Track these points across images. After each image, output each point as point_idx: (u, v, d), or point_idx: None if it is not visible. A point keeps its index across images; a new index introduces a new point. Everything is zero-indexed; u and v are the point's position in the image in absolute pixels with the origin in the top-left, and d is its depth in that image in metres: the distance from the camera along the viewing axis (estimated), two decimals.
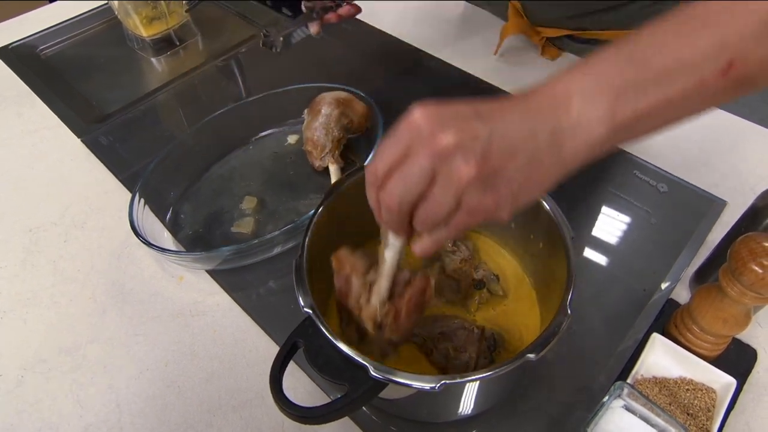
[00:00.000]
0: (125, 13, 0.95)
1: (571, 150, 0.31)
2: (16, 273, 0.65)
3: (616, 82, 0.31)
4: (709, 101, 0.32)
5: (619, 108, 0.30)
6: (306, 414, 0.39)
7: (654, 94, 0.30)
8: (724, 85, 0.30)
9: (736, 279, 0.43)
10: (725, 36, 0.30)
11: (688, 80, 0.30)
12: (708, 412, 0.49)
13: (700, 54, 0.30)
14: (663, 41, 0.31)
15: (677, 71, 0.30)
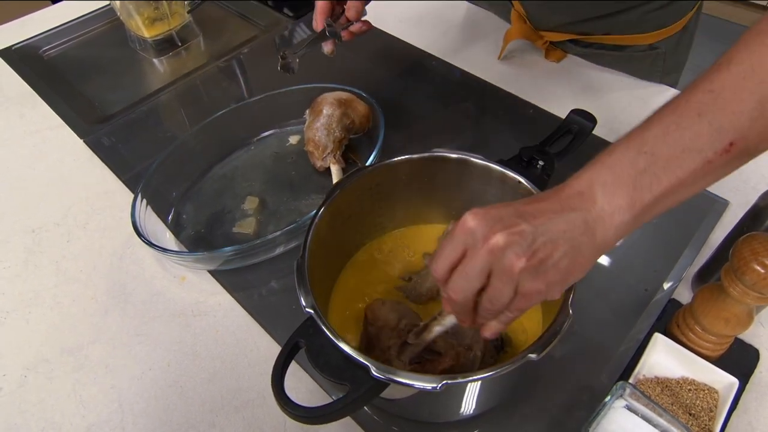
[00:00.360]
0: (127, 14, 0.96)
1: (602, 235, 0.35)
2: (19, 273, 0.66)
3: (631, 174, 0.35)
4: (717, 175, 0.35)
5: (638, 197, 0.35)
6: (308, 414, 0.39)
7: (667, 179, 0.34)
8: (728, 160, 0.34)
9: (738, 279, 0.43)
10: (720, 122, 0.34)
11: (695, 163, 0.34)
12: (710, 412, 0.49)
13: (701, 141, 0.34)
14: (666, 132, 0.35)
15: (684, 158, 0.34)
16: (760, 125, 0.33)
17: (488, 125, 0.80)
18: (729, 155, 0.34)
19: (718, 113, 0.34)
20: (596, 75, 0.85)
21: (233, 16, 1.09)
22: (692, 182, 0.35)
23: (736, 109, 0.33)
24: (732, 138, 0.33)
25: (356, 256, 0.59)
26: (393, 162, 0.53)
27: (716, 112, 0.34)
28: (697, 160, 0.34)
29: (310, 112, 0.73)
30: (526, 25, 0.86)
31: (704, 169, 0.34)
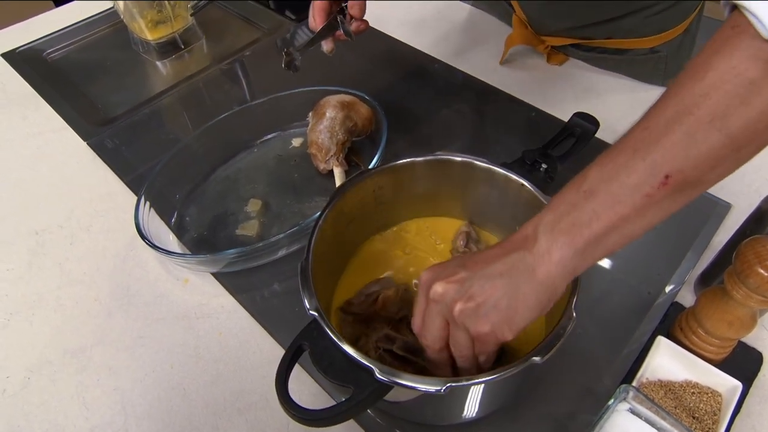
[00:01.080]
0: (131, 17, 0.96)
1: (544, 272, 0.37)
2: (22, 275, 0.66)
3: (572, 213, 0.36)
4: (662, 209, 0.36)
5: (577, 232, 0.36)
6: (312, 417, 0.39)
7: (606, 215, 0.35)
8: (668, 193, 0.34)
9: (741, 282, 0.43)
10: (653, 156, 0.34)
11: (634, 198, 0.35)
12: (714, 415, 0.48)
13: (636, 176, 0.34)
14: (604, 171, 0.36)
15: (624, 194, 0.35)
16: (694, 157, 0.33)
17: (491, 128, 0.80)
18: (667, 188, 0.34)
19: (651, 148, 0.34)
20: (598, 78, 0.86)
21: (236, 19, 1.09)
22: (636, 217, 0.35)
23: (667, 143, 0.34)
24: (667, 171, 0.34)
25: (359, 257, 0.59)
26: (396, 165, 0.53)
27: (649, 147, 0.34)
28: (636, 196, 0.35)
29: (313, 115, 0.73)
30: (527, 31, 0.86)
31: (644, 203, 0.35)
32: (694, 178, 0.34)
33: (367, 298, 0.51)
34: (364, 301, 0.51)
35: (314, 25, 0.65)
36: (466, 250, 0.54)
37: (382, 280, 0.53)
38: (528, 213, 0.51)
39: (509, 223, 0.55)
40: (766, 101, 0.32)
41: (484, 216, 0.58)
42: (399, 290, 0.51)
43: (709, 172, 0.35)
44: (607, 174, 0.36)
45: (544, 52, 0.88)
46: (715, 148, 0.33)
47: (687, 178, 0.34)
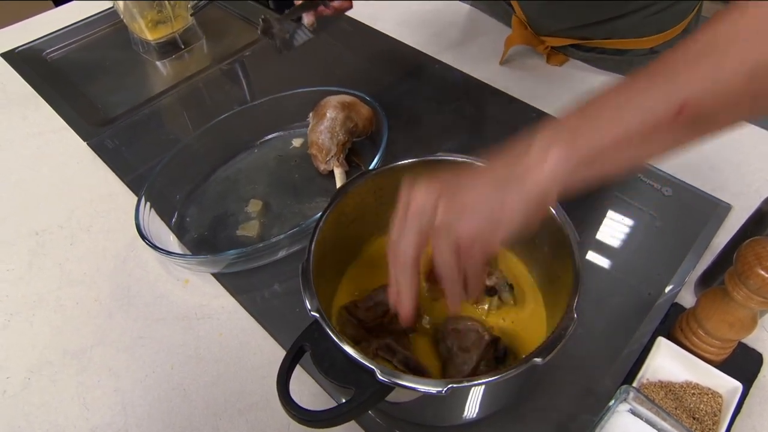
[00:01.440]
0: (131, 17, 0.96)
1: (534, 181, 0.35)
2: (22, 275, 0.66)
3: (573, 124, 0.35)
4: (668, 142, 0.34)
5: (576, 143, 0.34)
6: (313, 418, 0.39)
7: (610, 131, 0.33)
8: (679, 123, 0.33)
9: (742, 283, 0.43)
10: (673, 82, 0.33)
11: (643, 120, 0.33)
12: (714, 416, 0.49)
13: (652, 97, 0.33)
14: (618, 91, 0.35)
15: (632, 112, 0.33)
16: (715, 91, 0.32)
17: (491, 129, 0.80)
18: (680, 117, 0.33)
19: (673, 76, 0.33)
20: (598, 79, 0.86)
21: (236, 19, 1.09)
22: (639, 141, 0.34)
23: (691, 73, 0.33)
24: (684, 99, 0.32)
25: (360, 258, 0.59)
26: (397, 165, 0.53)
27: (672, 74, 0.33)
28: (646, 117, 0.33)
29: (313, 115, 0.73)
30: (526, 31, 0.86)
31: (652, 128, 0.33)
32: (709, 112, 0.33)
33: (376, 307, 0.50)
34: (371, 309, 0.50)
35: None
36: None
37: None
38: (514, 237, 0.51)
39: None
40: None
41: None
42: None
43: (724, 111, 0.33)
44: (623, 96, 0.34)
45: (544, 53, 0.88)
46: (737, 88, 0.32)
47: (702, 111, 0.33)
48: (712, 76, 0.32)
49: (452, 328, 0.50)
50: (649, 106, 0.33)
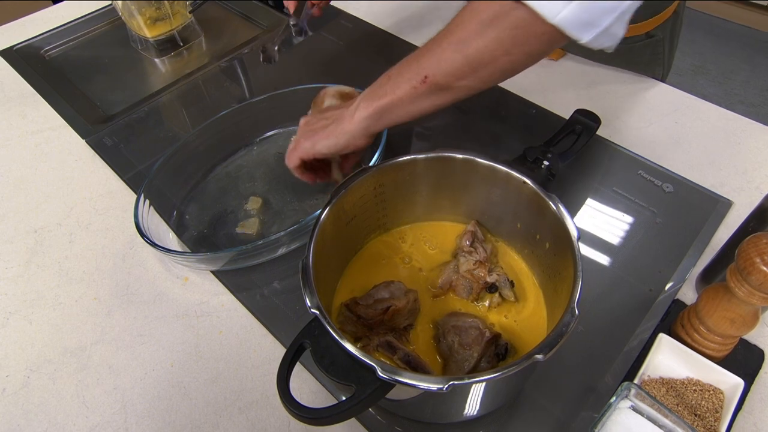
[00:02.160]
0: (129, 14, 0.95)
1: (348, 123, 0.56)
2: (21, 273, 0.66)
3: (373, 91, 0.54)
4: (426, 101, 0.52)
5: (372, 103, 0.54)
6: (313, 415, 0.39)
7: (392, 95, 0.52)
8: (427, 89, 0.50)
9: (744, 279, 0.43)
10: (421, 64, 0.50)
11: (405, 88, 0.51)
12: (716, 413, 0.48)
13: (410, 73, 0.51)
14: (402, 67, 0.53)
15: (402, 83, 0.52)
16: (443, 68, 0.48)
17: (491, 125, 0.80)
18: (425, 86, 0.50)
19: (422, 57, 0.50)
20: (597, 72, 0.85)
21: (235, 16, 1.09)
22: (408, 100, 0.52)
23: (429, 55, 0.50)
24: (425, 74, 0.49)
25: (360, 255, 0.59)
26: (398, 162, 0.53)
27: (421, 56, 0.50)
28: (408, 86, 0.51)
29: (312, 106, 0.72)
30: None
31: (413, 93, 0.51)
32: (445, 83, 0.49)
33: (376, 304, 0.50)
34: (372, 307, 0.50)
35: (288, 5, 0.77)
36: (471, 250, 0.54)
37: (392, 285, 0.52)
38: (530, 210, 0.51)
39: (511, 220, 0.55)
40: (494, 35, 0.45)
41: (486, 213, 0.58)
42: (409, 301, 0.51)
43: (455, 82, 0.49)
44: (399, 69, 0.53)
45: None
46: (457, 64, 0.48)
47: (438, 81, 0.49)
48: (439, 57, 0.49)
49: (453, 325, 0.50)
50: (407, 78, 0.51)
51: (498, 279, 0.52)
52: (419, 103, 0.52)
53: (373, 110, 0.53)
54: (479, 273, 0.52)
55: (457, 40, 0.47)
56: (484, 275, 0.52)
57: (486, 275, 0.52)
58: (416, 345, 0.51)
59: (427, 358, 0.49)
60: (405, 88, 0.51)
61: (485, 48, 0.46)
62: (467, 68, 0.48)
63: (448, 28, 0.49)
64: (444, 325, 0.51)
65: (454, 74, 0.48)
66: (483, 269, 0.52)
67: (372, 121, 0.54)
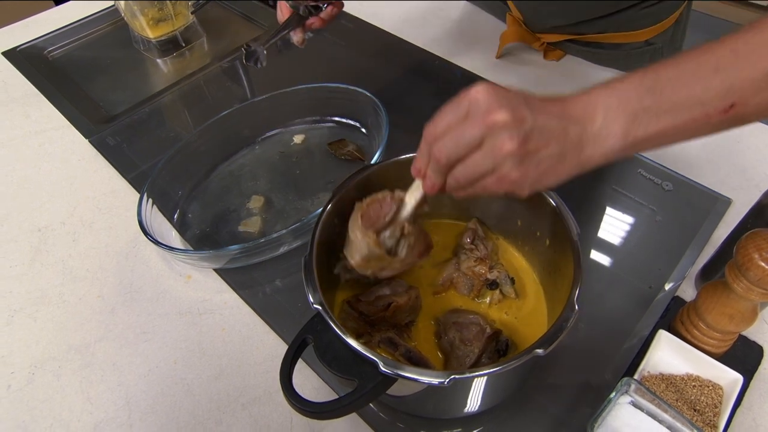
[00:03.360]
0: (132, 15, 0.96)
1: (589, 153, 0.38)
2: (26, 272, 0.66)
3: (635, 107, 0.36)
4: (707, 131, 0.37)
5: (633, 129, 0.37)
6: (316, 409, 0.39)
7: (664, 121, 0.36)
8: (724, 119, 0.36)
9: (742, 275, 0.44)
10: (733, 82, 0.35)
11: (695, 113, 0.36)
12: (715, 408, 0.49)
13: (709, 94, 0.35)
14: (679, 77, 0.36)
15: (687, 105, 0.36)
16: (762, 97, 0.35)
17: None
18: (726, 115, 0.35)
19: (732, 73, 0.35)
20: (596, 73, 0.86)
21: (236, 17, 1.09)
22: (684, 130, 0.37)
23: (748, 75, 0.35)
24: (735, 100, 0.35)
25: None
26: (401, 160, 0.54)
27: (731, 71, 0.35)
28: (698, 112, 0.36)
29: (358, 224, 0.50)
30: (521, 29, 0.86)
31: (700, 121, 0.36)
32: (748, 114, 0.36)
33: (377, 301, 0.50)
34: (373, 303, 0.50)
35: (281, 16, 0.64)
36: (472, 247, 0.55)
37: (393, 282, 0.53)
38: (530, 207, 0.51)
39: (511, 217, 0.56)
40: None
41: (486, 211, 0.58)
42: (411, 298, 0.51)
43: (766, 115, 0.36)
44: (682, 81, 0.36)
45: (540, 50, 0.88)
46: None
47: (745, 113, 0.36)
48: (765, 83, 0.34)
49: (454, 322, 0.50)
50: (701, 101, 0.35)
51: (498, 276, 0.53)
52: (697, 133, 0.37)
53: (632, 141, 0.37)
54: (480, 270, 0.53)
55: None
56: (485, 272, 0.53)
57: (487, 272, 0.53)
58: (417, 341, 0.52)
59: (428, 355, 0.49)
60: (690, 115, 0.36)
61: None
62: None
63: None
64: (445, 321, 0.51)
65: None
66: (484, 266, 0.53)
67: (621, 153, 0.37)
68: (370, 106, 0.73)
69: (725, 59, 0.35)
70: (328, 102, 0.78)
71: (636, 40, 0.80)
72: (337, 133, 0.78)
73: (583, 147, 0.37)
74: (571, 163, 0.37)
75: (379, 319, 0.50)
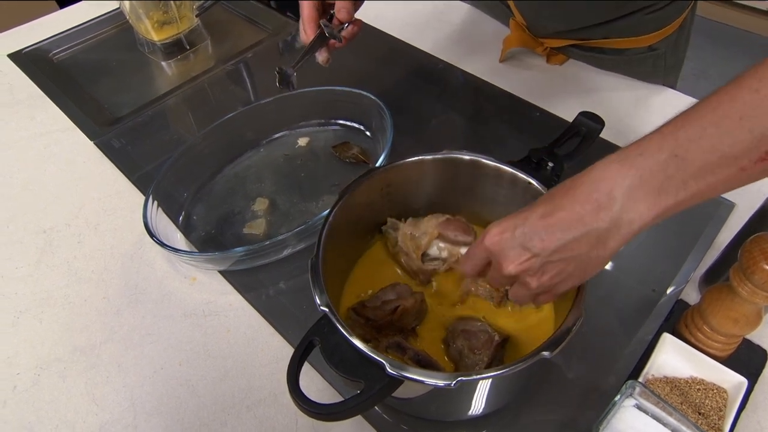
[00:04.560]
0: (136, 18, 0.96)
1: (617, 243, 0.36)
2: (31, 273, 0.66)
3: (659, 179, 0.33)
4: (745, 182, 0.34)
5: (662, 201, 0.34)
6: (323, 411, 0.39)
7: (696, 186, 0.33)
8: (762, 168, 0.32)
9: (747, 278, 0.44)
10: (762, 129, 0.31)
11: (728, 171, 0.32)
12: (720, 411, 0.49)
13: (739, 147, 0.32)
14: (703, 134, 0.32)
15: (718, 165, 0.32)
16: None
17: (495, 128, 0.81)
18: (764, 164, 0.32)
19: (762, 118, 0.31)
20: (599, 78, 0.86)
21: (240, 20, 1.10)
22: (721, 188, 0.34)
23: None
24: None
25: (366, 255, 0.59)
26: (406, 163, 0.54)
27: (760, 116, 0.31)
28: (731, 168, 0.32)
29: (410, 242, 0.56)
30: (524, 34, 0.87)
31: (736, 176, 0.33)
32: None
33: (384, 305, 0.51)
34: (379, 308, 0.51)
35: (305, 38, 0.63)
36: None
37: (398, 287, 0.53)
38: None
39: None
40: None
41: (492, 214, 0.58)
42: (417, 301, 0.52)
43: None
44: (706, 141, 0.32)
45: (543, 54, 0.89)
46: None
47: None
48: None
49: (462, 330, 0.50)
50: (733, 156, 0.32)
51: None
52: (736, 186, 0.33)
53: (662, 211, 0.34)
54: None
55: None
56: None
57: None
58: (423, 347, 0.52)
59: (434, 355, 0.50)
60: (724, 174, 0.32)
61: None
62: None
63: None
64: (453, 329, 0.51)
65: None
66: None
67: (656, 221, 0.35)
68: (374, 109, 0.74)
69: (749, 103, 0.31)
70: (332, 105, 0.78)
71: (639, 45, 0.81)
72: (341, 136, 0.79)
73: (606, 241, 0.36)
74: (597, 261, 0.37)
75: (385, 323, 0.50)
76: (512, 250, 0.38)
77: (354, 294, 0.55)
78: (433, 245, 0.55)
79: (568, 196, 0.36)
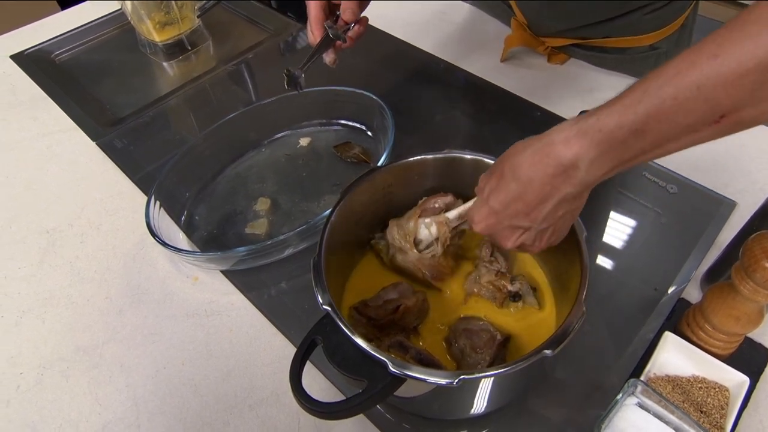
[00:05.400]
0: (138, 19, 0.97)
1: (587, 194, 0.41)
2: (34, 273, 0.66)
3: (619, 151, 0.36)
4: (698, 143, 0.35)
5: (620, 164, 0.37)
6: (326, 409, 0.39)
7: (653, 153, 0.36)
8: (714, 130, 0.34)
9: (748, 276, 0.44)
10: (718, 97, 0.32)
11: (685, 138, 0.34)
12: (722, 410, 0.49)
13: (695, 116, 0.33)
14: (662, 107, 0.33)
15: (675, 135, 0.34)
16: (758, 97, 0.31)
17: (496, 127, 0.81)
18: (717, 126, 0.33)
19: (718, 86, 0.31)
20: (600, 77, 0.86)
21: (242, 21, 1.10)
22: (675, 150, 0.36)
23: (737, 81, 0.31)
24: (724, 111, 0.32)
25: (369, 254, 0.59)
26: (407, 162, 0.54)
27: (716, 85, 0.31)
28: (688, 136, 0.34)
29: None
30: (526, 33, 0.87)
31: (691, 140, 0.34)
32: (747, 120, 0.33)
33: (386, 304, 0.51)
34: (381, 307, 0.51)
35: (313, 39, 0.63)
36: (492, 260, 0.54)
37: (400, 286, 0.53)
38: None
39: None
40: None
41: None
42: (419, 300, 0.52)
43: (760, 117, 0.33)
44: (664, 115, 0.33)
45: (545, 54, 0.89)
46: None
47: (741, 119, 0.33)
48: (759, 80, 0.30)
49: (464, 329, 0.50)
50: (689, 125, 0.33)
51: (521, 287, 0.53)
52: (690, 144, 0.35)
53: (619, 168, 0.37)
54: (501, 283, 0.53)
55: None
56: (506, 284, 0.53)
57: (508, 284, 0.53)
58: (425, 346, 0.52)
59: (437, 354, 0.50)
60: (680, 139, 0.34)
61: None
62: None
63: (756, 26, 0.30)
64: (455, 328, 0.51)
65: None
66: (505, 279, 0.53)
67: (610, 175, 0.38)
68: (375, 109, 0.74)
69: (706, 71, 0.32)
70: (334, 105, 0.79)
71: (641, 44, 0.81)
72: (343, 136, 0.79)
73: (579, 197, 0.41)
74: (576, 211, 0.43)
75: (387, 322, 0.50)
76: (504, 230, 0.44)
77: (356, 293, 0.56)
78: (421, 226, 0.53)
79: (535, 167, 0.40)
